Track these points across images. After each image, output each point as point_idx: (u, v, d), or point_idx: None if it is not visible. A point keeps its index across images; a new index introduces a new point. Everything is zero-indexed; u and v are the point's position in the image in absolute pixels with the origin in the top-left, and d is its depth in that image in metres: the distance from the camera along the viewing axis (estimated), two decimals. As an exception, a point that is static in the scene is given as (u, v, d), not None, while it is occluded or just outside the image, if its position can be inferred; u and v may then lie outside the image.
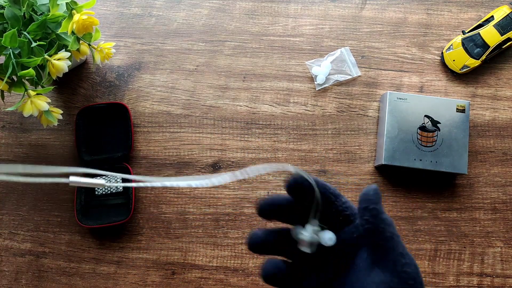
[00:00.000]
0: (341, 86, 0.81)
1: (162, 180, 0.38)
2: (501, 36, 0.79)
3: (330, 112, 0.80)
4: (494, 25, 0.79)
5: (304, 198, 0.37)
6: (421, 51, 0.83)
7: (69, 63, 0.65)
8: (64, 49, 0.66)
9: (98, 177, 0.76)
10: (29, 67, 0.61)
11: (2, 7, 0.62)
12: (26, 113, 0.64)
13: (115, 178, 0.76)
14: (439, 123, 0.76)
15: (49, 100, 0.66)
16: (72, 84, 0.81)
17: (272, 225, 0.72)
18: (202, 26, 0.84)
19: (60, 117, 0.69)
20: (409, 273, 0.34)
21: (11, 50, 0.61)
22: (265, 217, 0.37)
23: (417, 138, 0.75)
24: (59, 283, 0.75)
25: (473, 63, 0.80)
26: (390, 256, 0.34)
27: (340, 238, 0.38)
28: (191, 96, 0.81)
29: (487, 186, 0.78)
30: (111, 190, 0.76)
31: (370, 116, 0.80)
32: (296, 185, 0.36)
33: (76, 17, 0.61)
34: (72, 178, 0.35)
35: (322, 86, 0.81)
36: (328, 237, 0.37)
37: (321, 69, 0.80)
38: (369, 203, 0.35)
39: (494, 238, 0.76)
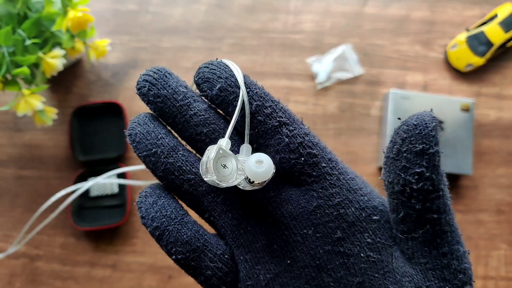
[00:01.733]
0: (343, 85, 0.80)
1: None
2: (505, 33, 0.77)
3: (331, 112, 0.79)
4: (498, 23, 0.78)
5: (220, 101, 0.26)
6: (424, 49, 0.81)
7: (64, 61, 0.64)
8: (58, 47, 0.65)
9: (93, 178, 0.75)
10: (23, 66, 0.60)
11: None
12: (20, 113, 0.63)
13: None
14: (443, 122, 0.74)
15: (44, 99, 0.65)
16: (67, 83, 0.79)
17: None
18: (200, 23, 0.82)
19: (55, 116, 0.68)
20: (462, 280, 0.23)
21: (5, 48, 0.60)
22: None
23: (421, 139, 0.74)
24: (53, 287, 0.73)
25: (478, 61, 0.78)
26: (445, 242, 0.23)
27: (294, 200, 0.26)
28: (189, 95, 0.79)
29: (492, 188, 0.77)
30: (106, 191, 0.75)
31: (373, 116, 0.79)
32: (207, 75, 0.26)
33: (71, 14, 0.61)
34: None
35: (324, 85, 0.79)
36: (255, 160, 0.24)
37: (322, 67, 0.79)
38: (430, 143, 0.22)
39: (498, 241, 0.75)
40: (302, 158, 0.25)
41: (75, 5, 0.61)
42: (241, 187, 0.25)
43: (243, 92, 0.25)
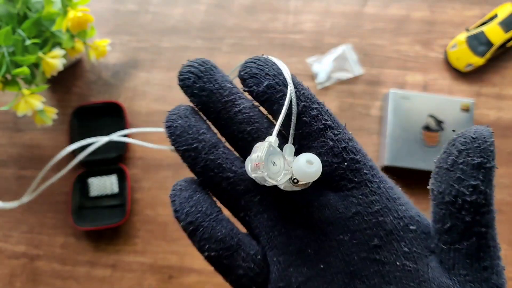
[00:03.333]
0: (343, 85, 0.80)
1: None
2: (506, 33, 0.77)
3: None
4: (498, 23, 0.78)
5: (265, 100, 0.26)
6: (424, 49, 0.81)
7: (64, 61, 0.64)
8: (58, 47, 0.65)
9: (93, 177, 0.75)
10: (23, 66, 0.60)
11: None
12: (20, 113, 0.63)
13: (110, 180, 0.75)
14: (443, 122, 0.74)
15: (44, 99, 0.65)
16: (67, 83, 0.79)
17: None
18: (200, 23, 0.82)
19: (55, 116, 0.68)
20: None
21: (5, 48, 0.60)
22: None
23: (421, 138, 0.74)
24: (54, 286, 0.73)
25: (477, 61, 0.78)
26: (488, 256, 0.23)
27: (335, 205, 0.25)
28: (189, 95, 0.79)
29: (491, 187, 0.77)
30: (106, 191, 0.75)
31: (373, 116, 0.78)
32: (254, 71, 0.26)
33: (71, 14, 0.61)
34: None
35: (323, 85, 0.79)
36: (305, 160, 0.24)
37: (322, 67, 0.79)
38: (488, 157, 0.22)
39: (498, 240, 0.75)
40: (345, 163, 0.25)
41: (75, 5, 0.61)
42: (281, 187, 0.25)
43: (291, 91, 0.25)
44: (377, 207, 0.24)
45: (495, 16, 0.79)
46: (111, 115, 0.77)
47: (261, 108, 0.27)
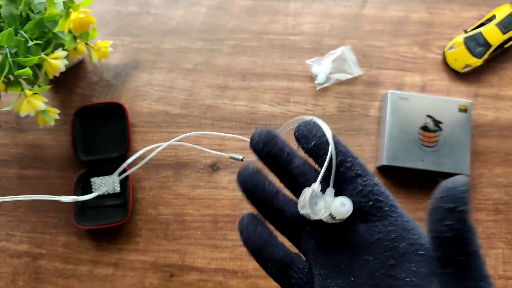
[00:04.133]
0: (342, 86, 0.80)
1: None
2: (503, 35, 0.78)
3: (330, 112, 0.79)
4: (496, 24, 0.78)
5: (313, 155, 0.34)
6: (423, 50, 0.82)
7: (66, 62, 0.65)
8: (61, 48, 0.66)
9: (95, 177, 0.76)
10: (26, 67, 0.61)
11: (-1, 6, 0.61)
12: (22, 113, 0.64)
13: (112, 179, 0.75)
14: (441, 123, 0.75)
15: (46, 100, 0.65)
16: (69, 84, 0.80)
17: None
18: (200, 25, 0.83)
19: (57, 117, 0.69)
20: None
21: (7, 49, 0.61)
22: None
23: (419, 138, 0.74)
24: (56, 285, 0.74)
25: (475, 62, 0.79)
26: (470, 278, 0.29)
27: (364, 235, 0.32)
28: (190, 95, 0.80)
29: (489, 187, 0.77)
30: (108, 190, 0.76)
31: (372, 116, 0.79)
32: (305, 132, 0.33)
33: (73, 15, 0.61)
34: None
35: (323, 86, 0.80)
36: (339, 202, 0.32)
37: (322, 68, 0.80)
38: (458, 203, 0.28)
39: (496, 240, 0.76)
40: (371, 202, 0.32)
41: (77, 6, 0.62)
42: (324, 221, 0.32)
43: (331, 149, 0.32)
44: (394, 235, 0.31)
45: (493, 17, 0.80)
46: (113, 116, 0.78)
47: (311, 160, 0.34)
